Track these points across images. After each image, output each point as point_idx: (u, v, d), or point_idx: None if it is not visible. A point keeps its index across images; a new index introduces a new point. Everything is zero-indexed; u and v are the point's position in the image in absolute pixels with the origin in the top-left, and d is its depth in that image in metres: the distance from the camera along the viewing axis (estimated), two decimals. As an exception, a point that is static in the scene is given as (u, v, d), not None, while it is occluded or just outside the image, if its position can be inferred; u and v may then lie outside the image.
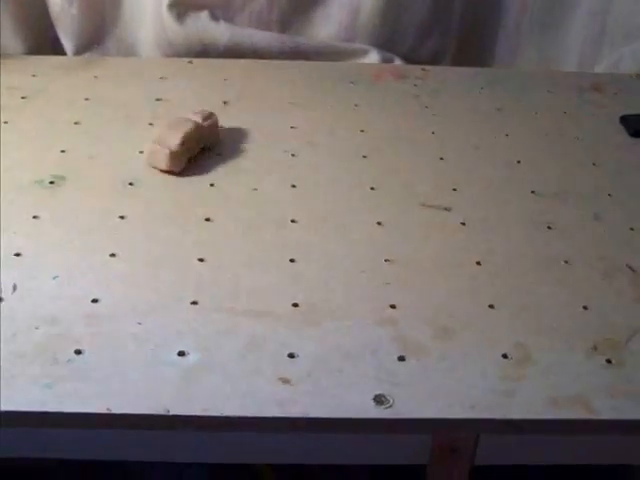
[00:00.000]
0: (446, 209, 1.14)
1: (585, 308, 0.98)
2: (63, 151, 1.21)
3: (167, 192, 1.13)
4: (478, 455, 0.90)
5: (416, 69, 1.53)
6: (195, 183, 1.15)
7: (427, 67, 1.54)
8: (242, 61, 1.51)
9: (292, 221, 1.09)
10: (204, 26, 1.51)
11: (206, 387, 0.83)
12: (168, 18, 1.49)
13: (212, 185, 1.15)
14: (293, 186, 1.16)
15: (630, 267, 1.04)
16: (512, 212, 1.14)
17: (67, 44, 1.53)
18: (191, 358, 0.87)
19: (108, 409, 0.80)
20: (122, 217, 1.08)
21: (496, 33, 1.59)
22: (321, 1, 1.53)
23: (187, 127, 1.18)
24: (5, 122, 1.26)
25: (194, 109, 1.24)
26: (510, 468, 0.98)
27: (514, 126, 1.35)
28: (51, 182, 1.13)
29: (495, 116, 1.38)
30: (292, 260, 1.02)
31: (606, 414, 0.84)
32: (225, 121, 1.30)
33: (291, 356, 0.88)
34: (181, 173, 1.17)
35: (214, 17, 1.52)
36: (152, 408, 0.81)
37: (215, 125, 1.24)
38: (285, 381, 0.84)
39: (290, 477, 1.29)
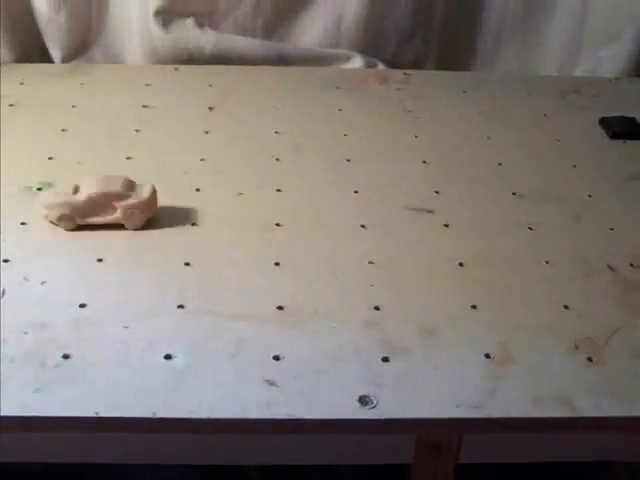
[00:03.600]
0: (429, 211, 1.15)
1: (566, 308, 0.99)
2: (51, 158, 1.22)
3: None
4: (462, 454, 0.90)
5: (399, 74, 1.54)
6: (181, 188, 1.16)
7: (409, 71, 1.55)
8: (227, 67, 1.53)
9: (277, 225, 1.10)
10: (189, 33, 1.52)
11: (193, 390, 0.84)
12: (154, 26, 1.50)
13: (198, 190, 1.16)
14: (278, 190, 1.17)
15: (610, 267, 1.06)
16: (494, 214, 1.15)
17: (54, 52, 1.54)
18: (178, 361, 0.87)
19: (96, 413, 0.80)
20: (109, 223, 1.08)
21: (477, 38, 1.61)
22: (305, 8, 1.54)
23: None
24: (-7, 130, 1.27)
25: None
26: (493, 466, 0.99)
27: (495, 129, 1.37)
28: (39, 188, 1.14)
29: (477, 119, 1.40)
30: (277, 263, 1.03)
31: (587, 412, 0.85)
32: (211, 126, 1.32)
33: (276, 358, 0.88)
34: (166, 179, 1.18)
35: (199, 24, 1.53)
36: (140, 411, 0.81)
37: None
38: (271, 383, 0.85)
39: (277, 478, 1.29)
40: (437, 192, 1.19)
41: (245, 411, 0.82)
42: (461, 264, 1.05)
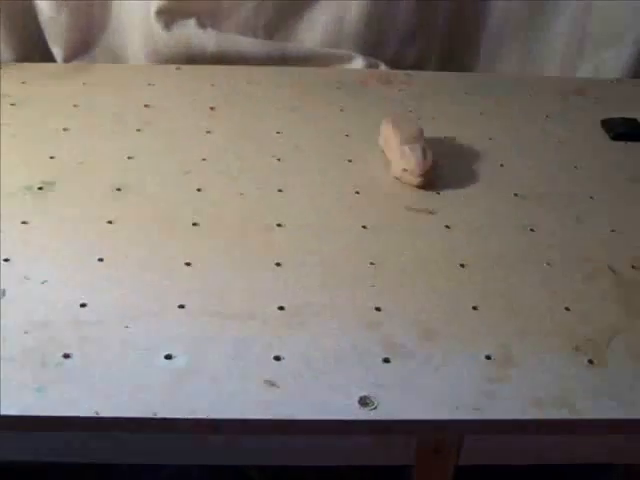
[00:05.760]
0: (430, 212, 1.15)
1: (567, 309, 0.98)
2: (52, 157, 1.21)
3: (154, 197, 1.14)
4: (462, 455, 0.90)
5: (400, 74, 1.54)
6: (182, 188, 1.16)
7: (411, 72, 1.55)
8: (229, 67, 1.52)
9: (278, 225, 1.10)
10: (191, 33, 1.52)
11: (193, 390, 0.84)
12: (156, 25, 1.50)
13: (199, 190, 1.16)
14: (279, 190, 1.17)
15: (611, 268, 1.05)
16: (495, 215, 1.15)
17: (56, 51, 1.54)
18: (178, 361, 0.87)
19: (96, 412, 0.80)
20: (110, 222, 1.08)
21: (479, 38, 1.60)
22: (306, 8, 1.54)
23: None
24: (-5, 129, 1.27)
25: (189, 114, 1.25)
26: (494, 468, 0.99)
27: (497, 130, 1.37)
28: (40, 188, 1.14)
29: (478, 120, 1.40)
30: (278, 264, 1.03)
31: (588, 414, 0.85)
32: (212, 126, 1.32)
33: (277, 359, 0.88)
34: (167, 178, 1.18)
35: (201, 24, 1.53)
36: (140, 411, 0.81)
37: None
38: (271, 384, 0.85)
39: (276, 479, 1.29)
40: (438, 193, 1.19)
41: (245, 411, 0.82)
42: (462, 265, 1.05)
